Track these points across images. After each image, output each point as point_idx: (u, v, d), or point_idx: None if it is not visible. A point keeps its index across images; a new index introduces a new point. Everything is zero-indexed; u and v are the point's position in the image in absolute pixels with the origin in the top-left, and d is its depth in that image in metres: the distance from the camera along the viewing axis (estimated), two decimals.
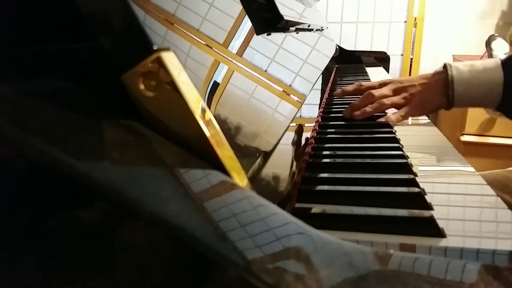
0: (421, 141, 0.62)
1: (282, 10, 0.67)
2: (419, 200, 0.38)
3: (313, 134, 0.60)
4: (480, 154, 1.70)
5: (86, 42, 0.26)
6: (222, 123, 0.31)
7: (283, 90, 0.54)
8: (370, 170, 0.45)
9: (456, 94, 0.63)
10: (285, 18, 0.66)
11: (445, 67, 0.65)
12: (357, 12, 2.23)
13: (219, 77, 0.35)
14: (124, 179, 0.20)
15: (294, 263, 0.19)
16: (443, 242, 0.32)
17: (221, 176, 0.25)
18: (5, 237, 0.21)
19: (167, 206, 0.20)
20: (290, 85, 0.58)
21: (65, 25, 0.27)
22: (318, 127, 0.65)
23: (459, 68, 0.63)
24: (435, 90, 0.65)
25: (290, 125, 0.49)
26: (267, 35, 0.57)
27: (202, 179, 0.24)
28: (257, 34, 0.51)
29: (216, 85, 0.34)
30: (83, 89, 0.27)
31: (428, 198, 0.38)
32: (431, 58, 2.16)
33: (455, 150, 0.56)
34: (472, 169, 0.49)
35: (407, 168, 0.45)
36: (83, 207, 0.21)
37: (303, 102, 0.60)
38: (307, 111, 0.63)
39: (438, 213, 0.35)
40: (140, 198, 0.19)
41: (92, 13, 0.25)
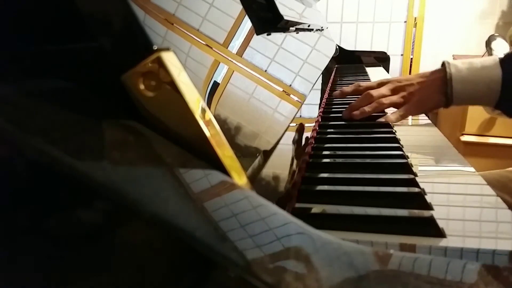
0: (421, 141, 0.62)
1: (282, 10, 0.67)
2: (419, 200, 0.38)
3: (313, 134, 0.60)
4: (480, 154, 1.70)
5: (86, 42, 0.26)
6: (222, 123, 0.31)
7: (283, 90, 0.54)
8: (370, 170, 0.45)
9: (454, 92, 0.63)
10: (285, 18, 0.66)
11: (443, 65, 0.65)
12: (357, 12, 2.23)
13: (219, 77, 0.35)
14: (124, 179, 0.20)
15: (294, 263, 0.19)
16: (443, 242, 0.32)
17: (221, 176, 0.25)
18: (5, 237, 0.21)
19: (167, 206, 0.20)
20: (290, 85, 0.57)
21: (65, 25, 0.27)
22: (318, 127, 0.65)
23: (458, 66, 0.63)
24: (433, 88, 0.65)
25: (290, 125, 0.49)
26: (267, 35, 0.57)
27: (202, 179, 0.24)
28: (257, 34, 0.51)
29: (216, 85, 0.34)
30: (83, 89, 0.27)
31: (428, 198, 0.38)
32: (431, 58, 2.16)
33: (455, 150, 0.56)
34: (472, 169, 0.49)
35: (407, 168, 0.45)
36: (83, 207, 0.21)
37: (303, 102, 0.60)
38: (307, 111, 0.63)
39: (438, 213, 0.35)
40: (140, 198, 0.19)
41: (92, 13, 0.25)
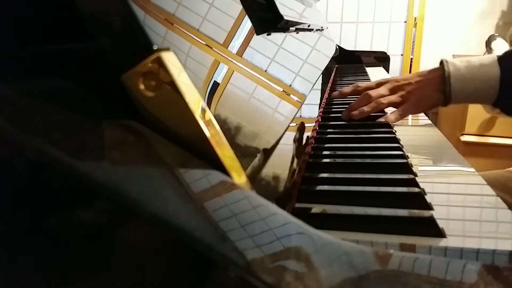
0: (421, 141, 0.62)
1: (282, 10, 0.67)
2: (419, 200, 0.38)
3: (313, 134, 0.60)
4: (480, 154, 1.70)
5: (86, 42, 0.26)
6: (222, 123, 0.31)
7: (283, 90, 0.54)
8: (370, 170, 0.45)
9: (453, 90, 0.63)
10: (285, 18, 0.66)
11: (441, 63, 0.65)
12: (357, 12, 2.23)
13: (219, 77, 0.35)
14: (124, 179, 0.20)
15: (294, 263, 0.19)
16: (443, 242, 0.32)
17: (221, 176, 0.25)
18: (5, 237, 0.21)
19: (167, 206, 0.20)
20: (290, 85, 0.57)
21: (65, 25, 0.27)
22: (318, 127, 0.65)
23: (456, 64, 0.63)
24: (431, 87, 0.65)
25: (290, 125, 0.49)
26: (267, 35, 0.57)
27: (202, 179, 0.24)
28: (257, 34, 0.51)
29: (216, 85, 0.34)
30: (83, 89, 0.27)
31: (428, 198, 0.38)
32: (431, 58, 2.16)
33: (455, 150, 0.56)
34: (472, 169, 0.49)
35: (407, 168, 0.45)
36: (83, 207, 0.21)
37: (303, 102, 0.60)
38: (307, 111, 0.63)
39: (438, 213, 0.35)
40: (140, 198, 0.19)
41: (92, 13, 0.25)
